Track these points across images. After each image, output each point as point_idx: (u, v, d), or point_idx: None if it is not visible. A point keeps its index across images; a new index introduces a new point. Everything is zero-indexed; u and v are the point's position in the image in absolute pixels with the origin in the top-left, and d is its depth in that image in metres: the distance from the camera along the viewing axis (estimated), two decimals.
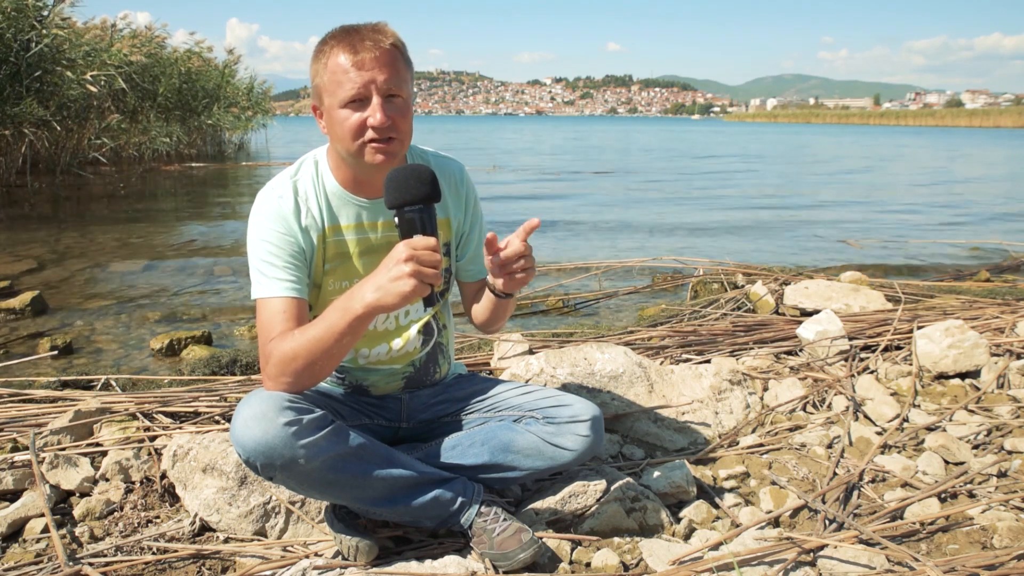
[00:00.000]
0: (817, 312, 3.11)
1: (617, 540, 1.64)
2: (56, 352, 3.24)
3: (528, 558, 1.49)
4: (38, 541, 1.68)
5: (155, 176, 12.49)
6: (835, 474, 1.93)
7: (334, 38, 1.42)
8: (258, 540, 1.67)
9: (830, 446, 2.13)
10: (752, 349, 2.88)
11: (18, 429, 2.09)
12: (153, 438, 2.02)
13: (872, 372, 2.69)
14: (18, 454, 1.93)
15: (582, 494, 1.70)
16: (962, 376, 2.64)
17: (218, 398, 2.31)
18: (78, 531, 1.70)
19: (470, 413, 1.73)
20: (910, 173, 16.02)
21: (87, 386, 2.66)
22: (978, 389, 2.52)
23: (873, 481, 1.92)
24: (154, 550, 1.63)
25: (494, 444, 1.63)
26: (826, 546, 1.53)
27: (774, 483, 1.90)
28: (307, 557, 1.56)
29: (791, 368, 2.68)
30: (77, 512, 1.78)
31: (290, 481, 1.40)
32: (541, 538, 1.56)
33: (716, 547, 1.57)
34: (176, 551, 1.61)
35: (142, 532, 1.71)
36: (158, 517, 1.77)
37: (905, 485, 1.90)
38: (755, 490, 1.92)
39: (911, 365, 2.68)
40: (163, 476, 1.86)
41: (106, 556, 1.59)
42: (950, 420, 2.28)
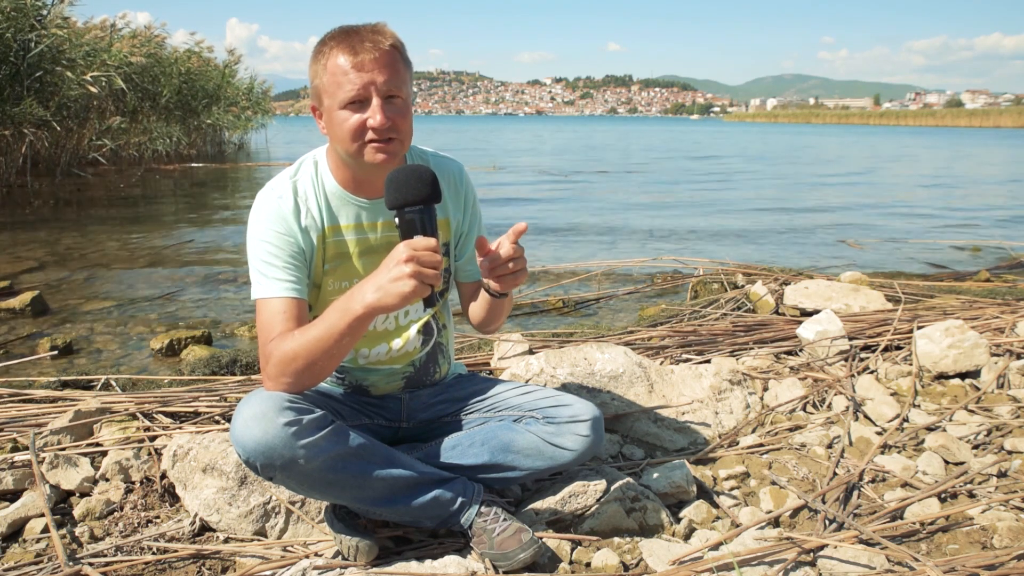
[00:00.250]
0: (817, 312, 3.11)
1: (617, 540, 1.64)
2: (56, 352, 3.24)
3: (528, 558, 1.49)
4: (38, 541, 1.68)
5: (155, 176, 12.50)
6: (835, 474, 1.93)
7: (333, 39, 1.41)
8: (258, 540, 1.67)
9: (830, 446, 2.13)
10: (752, 349, 2.88)
11: (18, 429, 2.09)
12: (153, 438, 2.02)
13: (872, 372, 2.69)
14: (18, 454, 1.93)
15: (582, 494, 1.70)
16: (962, 376, 2.63)
17: (218, 398, 2.31)
18: (78, 531, 1.70)
19: (470, 413, 1.73)
20: (910, 174, 16.01)
21: (87, 386, 2.66)
22: (978, 389, 2.52)
23: (873, 481, 1.92)
24: (154, 550, 1.63)
25: (494, 444, 1.63)
26: (826, 546, 1.53)
27: (774, 483, 1.90)
28: (307, 557, 1.56)
29: (791, 368, 2.68)
30: (77, 512, 1.78)
31: (290, 481, 1.41)
32: (541, 538, 1.57)
33: (716, 547, 1.57)
34: (176, 551, 1.61)
35: (142, 532, 1.71)
36: (158, 517, 1.77)
37: (905, 485, 1.90)
38: (755, 490, 1.92)
39: (911, 365, 2.68)
40: (163, 476, 1.86)
41: (106, 556, 1.59)
42: (950, 420, 2.28)
